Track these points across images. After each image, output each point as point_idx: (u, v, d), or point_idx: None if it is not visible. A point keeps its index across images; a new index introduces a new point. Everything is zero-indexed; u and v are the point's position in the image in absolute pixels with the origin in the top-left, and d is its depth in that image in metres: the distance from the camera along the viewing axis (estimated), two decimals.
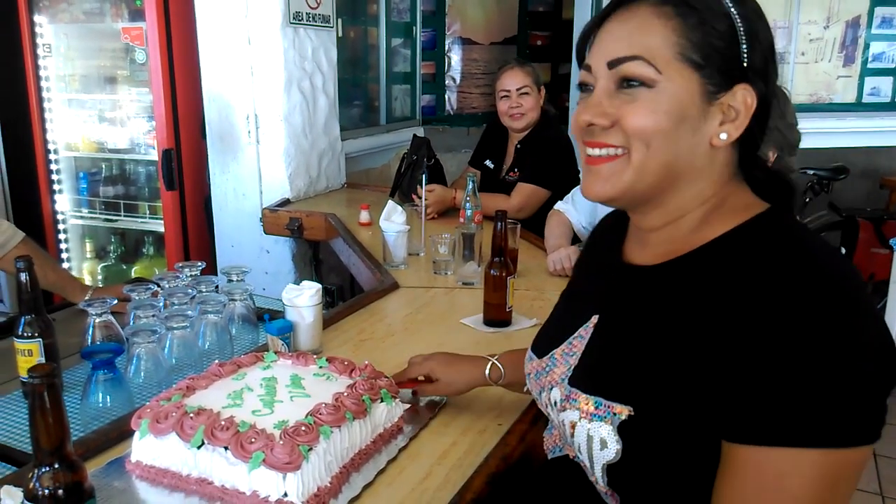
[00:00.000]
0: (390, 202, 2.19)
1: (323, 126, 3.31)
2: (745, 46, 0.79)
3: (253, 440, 0.97)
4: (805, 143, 1.92)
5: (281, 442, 0.96)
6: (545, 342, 1.01)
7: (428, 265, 2.14)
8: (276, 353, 1.27)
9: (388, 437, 1.14)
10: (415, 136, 3.07)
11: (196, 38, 3.11)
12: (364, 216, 2.65)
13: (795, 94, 4.83)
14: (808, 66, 4.90)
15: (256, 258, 3.10)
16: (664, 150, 0.80)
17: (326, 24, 3.28)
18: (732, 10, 0.79)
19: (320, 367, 1.21)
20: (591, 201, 0.89)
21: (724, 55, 0.79)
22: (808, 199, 4.49)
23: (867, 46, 4.98)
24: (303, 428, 0.99)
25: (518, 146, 2.85)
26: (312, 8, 3.17)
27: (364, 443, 1.08)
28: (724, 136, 0.81)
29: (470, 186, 2.23)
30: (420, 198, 2.41)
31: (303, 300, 1.44)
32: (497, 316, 1.68)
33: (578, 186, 2.37)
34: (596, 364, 0.88)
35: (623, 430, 0.79)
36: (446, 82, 6.84)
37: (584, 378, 0.88)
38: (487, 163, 3.02)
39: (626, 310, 0.88)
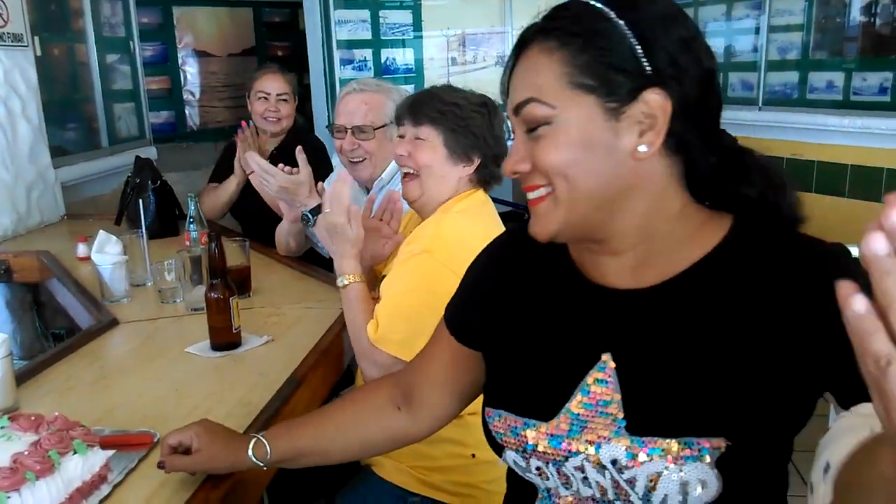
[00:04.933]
0: (102, 232, 2.01)
1: (28, 155, 2.97)
2: (640, 52, 0.78)
3: None
4: None
5: None
6: (539, 400, 0.87)
7: (155, 295, 2.02)
8: None
9: (88, 491, 1.05)
10: (137, 157, 2.87)
11: None
12: (82, 250, 2.41)
13: None
14: None
15: None
16: (583, 178, 0.80)
17: (20, 43, 2.95)
18: (619, 21, 0.78)
19: (1, 428, 1.08)
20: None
21: (620, 68, 0.78)
22: None
23: None
24: None
25: (274, 152, 2.77)
26: (0, 26, 2.83)
27: (56, 502, 0.99)
28: (643, 147, 0.79)
29: (192, 207, 2.14)
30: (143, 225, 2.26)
31: None
32: (224, 339, 1.62)
33: None
34: (660, 403, 0.80)
35: (722, 463, 0.76)
36: (185, 97, 6.51)
37: (655, 421, 0.79)
38: None
39: (651, 338, 0.83)
